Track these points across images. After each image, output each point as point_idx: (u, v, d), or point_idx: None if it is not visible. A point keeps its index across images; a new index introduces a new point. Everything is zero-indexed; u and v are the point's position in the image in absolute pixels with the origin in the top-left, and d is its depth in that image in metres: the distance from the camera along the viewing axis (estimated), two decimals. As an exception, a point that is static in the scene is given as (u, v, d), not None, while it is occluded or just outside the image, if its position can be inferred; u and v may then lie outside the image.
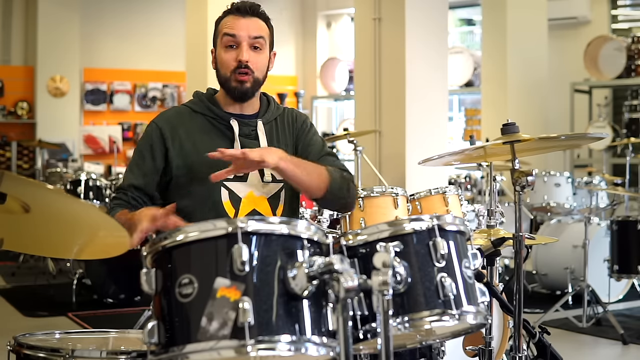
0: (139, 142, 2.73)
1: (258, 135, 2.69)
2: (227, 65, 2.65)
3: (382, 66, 6.19)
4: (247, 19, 2.66)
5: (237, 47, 2.64)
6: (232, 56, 2.64)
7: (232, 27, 2.65)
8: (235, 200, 2.62)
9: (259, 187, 2.66)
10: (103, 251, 2.26)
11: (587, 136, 4.36)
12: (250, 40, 2.64)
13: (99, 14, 12.40)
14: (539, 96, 9.88)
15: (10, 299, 7.11)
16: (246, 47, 2.63)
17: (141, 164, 2.68)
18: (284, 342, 1.81)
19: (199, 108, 2.72)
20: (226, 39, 2.65)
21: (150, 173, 2.67)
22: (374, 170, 5.51)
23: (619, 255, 6.27)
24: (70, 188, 7.43)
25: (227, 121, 2.68)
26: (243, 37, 2.64)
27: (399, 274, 2.03)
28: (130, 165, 2.72)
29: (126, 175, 2.71)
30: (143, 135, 2.74)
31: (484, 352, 3.03)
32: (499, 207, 3.30)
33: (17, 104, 11.84)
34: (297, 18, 13.38)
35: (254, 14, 2.68)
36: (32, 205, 1.99)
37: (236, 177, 2.62)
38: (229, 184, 2.62)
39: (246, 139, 2.67)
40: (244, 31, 2.64)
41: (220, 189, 2.62)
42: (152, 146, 2.68)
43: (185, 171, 2.64)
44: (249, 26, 2.65)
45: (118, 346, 2.43)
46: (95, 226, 2.09)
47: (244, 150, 2.48)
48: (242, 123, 2.69)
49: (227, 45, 2.65)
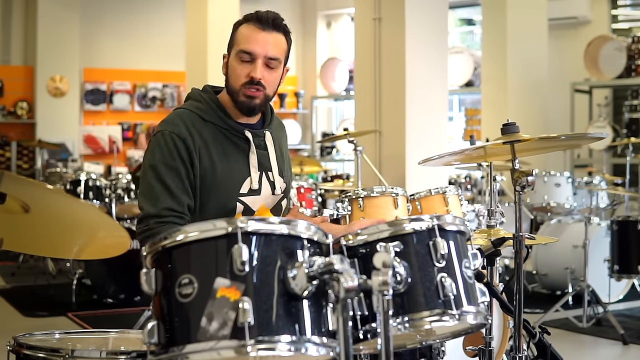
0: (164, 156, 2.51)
1: (267, 145, 2.68)
2: (238, 78, 2.58)
3: (382, 66, 6.18)
4: (267, 34, 2.57)
5: (251, 63, 2.56)
6: (244, 71, 2.57)
7: (249, 42, 2.56)
8: (249, 213, 2.60)
9: (268, 200, 2.66)
10: (103, 251, 2.27)
11: (587, 136, 4.35)
12: (266, 59, 2.57)
13: (99, 14, 12.40)
14: (539, 96, 9.88)
15: (10, 299, 7.10)
16: (261, 64, 2.56)
17: (179, 182, 2.50)
18: (284, 342, 1.81)
19: (209, 117, 2.61)
20: (242, 55, 2.57)
21: (191, 190, 2.53)
22: (374, 170, 5.50)
23: (619, 255, 6.27)
24: (70, 188, 7.42)
25: (240, 132, 2.62)
26: (259, 54, 2.55)
27: (399, 274, 2.03)
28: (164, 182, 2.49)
29: (166, 197, 2.48)
30: (163, 147, 2.52)
31: (484, 352, 3.03)
32: (499, 207, 3.29)
33: (17, 104, 11.83)
34: (297, 18, 13.37)
35: (275, 28, 2.59)
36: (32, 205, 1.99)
37: (250, 190, 2.60)
38: (244, 199, 2.60)
39: (258, 150, 2.65)
40: (261, 49, 2.55)
41: (236, 203, 2.58)
42: (183, 161, 2.51)
43: (203, 185, 2.56)
44: (267, 44, 2.56)
45: (118, 346, 2.43)
46: (95, 226, 2.09)
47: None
48: (253, 134, 2.64)
49: (242, 59, 2.57)
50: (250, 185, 2.60)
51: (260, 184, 2.62)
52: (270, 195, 2.66)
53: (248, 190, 2.60)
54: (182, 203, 2.50)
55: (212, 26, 8.88)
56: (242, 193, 2.59)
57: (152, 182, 2.51)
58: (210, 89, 2.71)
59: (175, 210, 2.49)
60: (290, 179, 2.84)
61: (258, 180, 2.62)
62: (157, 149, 2.54)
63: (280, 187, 2.68)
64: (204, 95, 2.67)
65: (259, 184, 2.62)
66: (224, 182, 2.56)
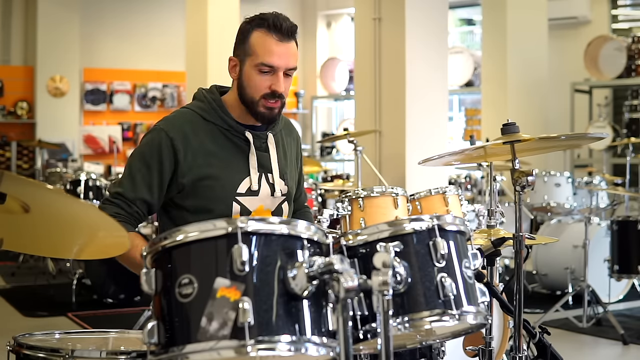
0: (144, 148, 2.58)
1: (269, 147, 2.68)
2: (258, 90, 2.56)
3: (382, 66, 6.18)
4: (286, 45, 2.55)
5: (271, 74, 2.55)
6: (265, 83, 2.55)
7: (270, 54, 2.53)
8: (246, 214, 2.60)
9: (267, 201, 2.66)
10: (103, 251, 2.26)
11: (587, 136, 4.35)
12: (286, 70, 2.57)
13: (99, 14, 12.40)
14: (539, 96, 9.88)
15: (10, 299, 7.10)
16: (282, 76, 2.56)
17: (147, 175, 2.56)
18: (284, 342, 1.80)
19: (210, 117, 2.62)
20: (262, 67, 2.54)
21: (157, 188, 2.56)
22: (374, 170, 5.50)
23: (619, 255, 6.27)
24: (70, 188, 7.43)
25: (240, 133, 2.62)
26: (281, 67, 2.54)
27: (399, 274, 2.03)
28: (132, 171, 2.58)
29: (128, 183, 2.57)
30: (149, 141, 2.59)
31: (484, 352, 3.03)
32: (499, 207, 3.29)
33: (17, 104, 11.83)
34: (297, 18, 13.38)
35: (292, 37, 2.58)
36: (32, 205, 1.99)
37: (249, 191, 2.61)
38: (241, 199, 2.60)
39: (258, 152, 2.64)
40: (283, 62, 2.54)
41: (232, 203, 2.59)
42: (161, 158, 2.55)
43: (197, 184, 2.57)
44: (288, 55, 2.56)
45: (118, 346, 2.42)
46: (95, 226, 2.09)
47: None
48: (255, 135, 2.64)
49: (262, 71, 2.55)
50: (250, 186, 2.61)
51: (259, 185, 2.62)
52: (270, 197, 2.66)
53: (246, 191, 2.60)
54: (138, 194, 2.57)
55: (212, 26, 8.88)
56: (239, 193, 2.59)
57: (125, 167, 2.63)
58: (217, 90, 2.72)
59: (126, 198, 2.57)
60: (296, 182, 2.83)
61: (257, 181, 2.62)
62: (144, 141, 2.61)
63: (281, 189, 2.67)
64: (207, 96, 2.68)
65: (258, 185, 2.62)
66: (219, 181, 2.57)
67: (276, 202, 2.69)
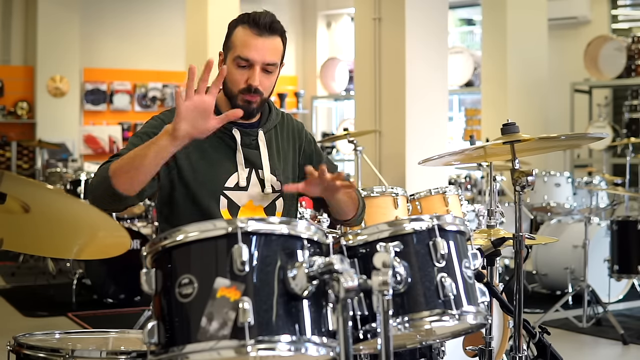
0: (144, 129, 2.60)
1: (259, 144, 2.68)
2: (236, 84, 2.59)
3: (382, 66, 6.18)
4: (264, 40, 2.56)
5: (249, 68, 2.57)
6: (242, 77, 2.58)
7: (247, 48, 2.55)
8: (234, 209, 2.61)
9: (258, 197, 2.66)
10: (103, 251, 2.26)
11: (587, 136, 4.35)
12: (263, 65, 2.57)
13: (99, 14, 12.39)
14: (539, 96, 9.88)
15: (10, 299, 7.10)
16: (258, 70, 2.57)
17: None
18: (284, 342, 1.81)
19: None
20: (239, 60, 2.57)
21: None
22: (374, 170, 5.51)
23: (619, 255, 6.27)
24: (70, 188, 7.43)
25: (229, 130, 2.64)
26: (257, 61, 2.56)
27: (399, 274, 2.03)
28: (130, 144, 2.54)
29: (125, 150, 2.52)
30: (149, 125, 2.62)
31: (484, 352, 3.03)
32: (499, 207, 3.30)
33: (17, 104, 11.83)
34: (297, 18, 13.37)
35: (272, 32, 2.59)
36: (32, 205, 1.99)
37: (237, 186, 2.62)
38: (229, 193, 2.61)
39: (247, 149, 2.65)
40: (259, 56, 2.56)
41: (220, 197, 2.60)
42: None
43: (187, 175, 2.59)
44: (265, 49, 2.57)
45: (118, 346, 2.43)
46: (95, 226, 2.09)
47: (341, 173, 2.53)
48: (243, 132, 2.66)
49: (239, 65, 2.57)
50: (237, 182, 2.62)
51: (248, 182, 2.64)
52: (260, 193, 2.66)
53: (234, 185, 2.61)
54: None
55: (212, 26, 8.87)
56: (227, 187, 2.60)
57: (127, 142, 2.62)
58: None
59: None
60: (297, 178, 2.79)
61: (246, 178, 2.63)
62: (144, 125, 2.65)
63: (273, 185, 2.67)
64: None
65: (247, 181, 2.63)
66: (206, 175, 2.58)
67: (268, 198, 2.67)
